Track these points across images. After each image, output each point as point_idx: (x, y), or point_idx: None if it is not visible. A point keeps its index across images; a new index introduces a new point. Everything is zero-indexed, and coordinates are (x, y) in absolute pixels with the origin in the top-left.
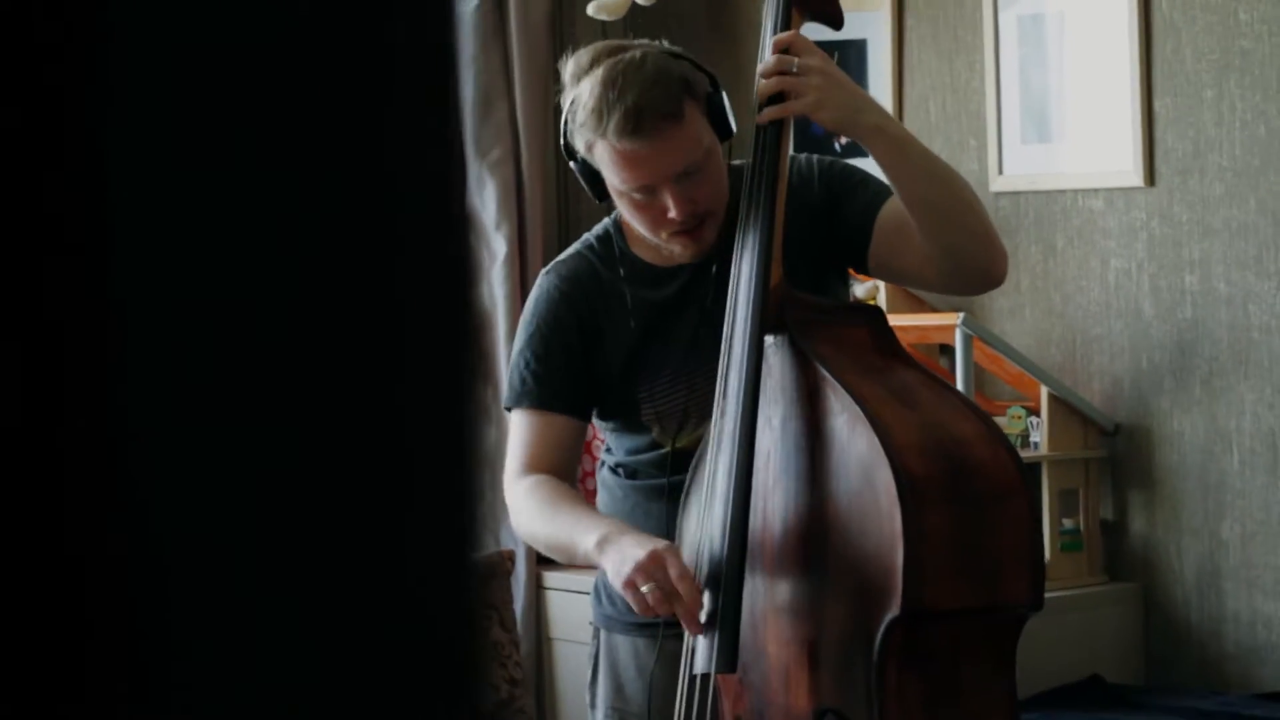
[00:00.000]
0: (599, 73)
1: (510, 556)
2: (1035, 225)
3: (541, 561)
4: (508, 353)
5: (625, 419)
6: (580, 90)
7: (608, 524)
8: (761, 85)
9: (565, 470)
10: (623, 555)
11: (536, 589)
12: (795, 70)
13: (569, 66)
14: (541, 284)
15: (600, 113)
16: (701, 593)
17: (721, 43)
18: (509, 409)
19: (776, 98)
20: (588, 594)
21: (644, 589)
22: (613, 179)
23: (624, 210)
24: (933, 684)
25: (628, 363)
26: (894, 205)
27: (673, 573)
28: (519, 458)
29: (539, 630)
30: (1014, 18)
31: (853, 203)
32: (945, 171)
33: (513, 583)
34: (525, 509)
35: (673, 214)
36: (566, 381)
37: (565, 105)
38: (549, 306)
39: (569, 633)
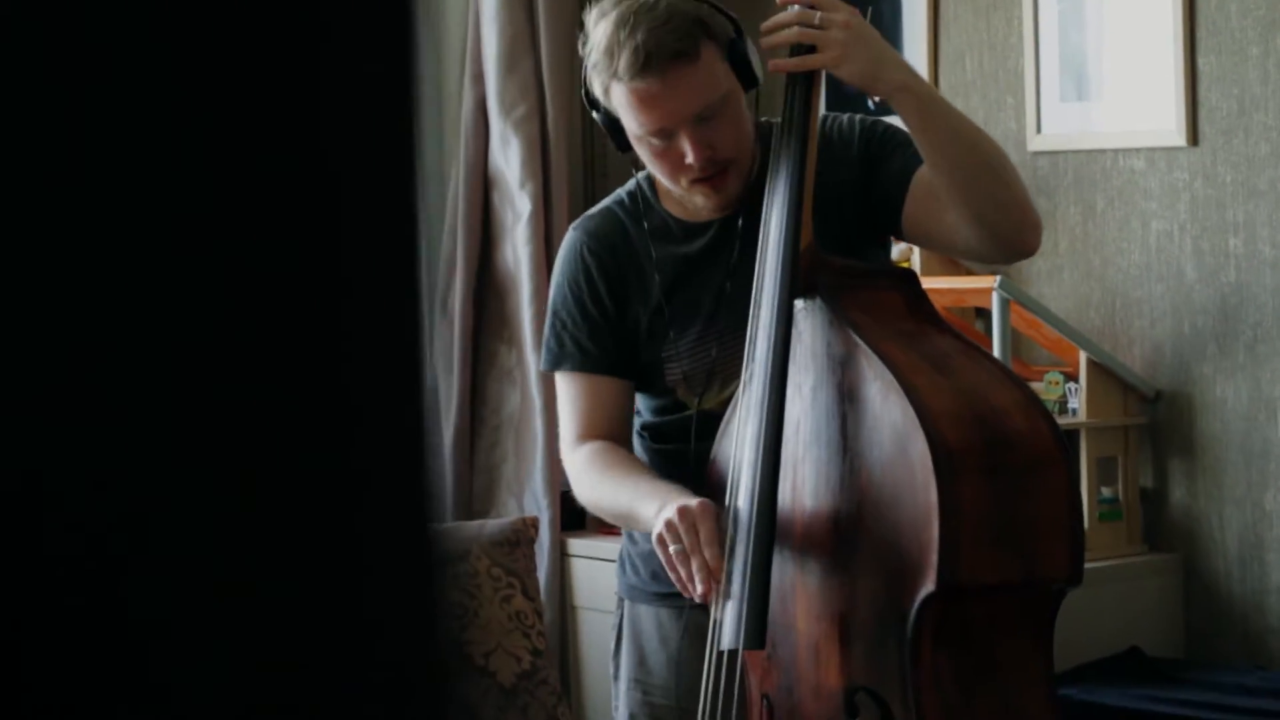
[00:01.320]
0: (612, 15)
1: (534, 524)
2: (1074, 186)
3: (565, 528)
4: (531, 313)
5: (649, 378)
6: (596, 33)
7: (666, 491)
8: (779, 35)
9: (620, 431)
10: (663, 512)
11: (560, 557)
12: (818, 22)
13: (591, 14)
14: (569, 240)
15: (611, 52)
16: (726, 562)
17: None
18: (550, 370)
19: (797, 50)
20: (612, 561)
21: (672, 548)
22: (630, 123)
23: (644, 159)
24: (968, 661)
25: (653, 320)
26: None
27: (702, 534)
28: (572, 424)
29: (563, 599)
30: None
31: (889, 165)
32: (974, 133)
33: (536, 550)
34: (586, 480)
35: (690, 159)
36: (605, 342)
37: (584, 53)
38: (579, 265)
39: (594, 601)
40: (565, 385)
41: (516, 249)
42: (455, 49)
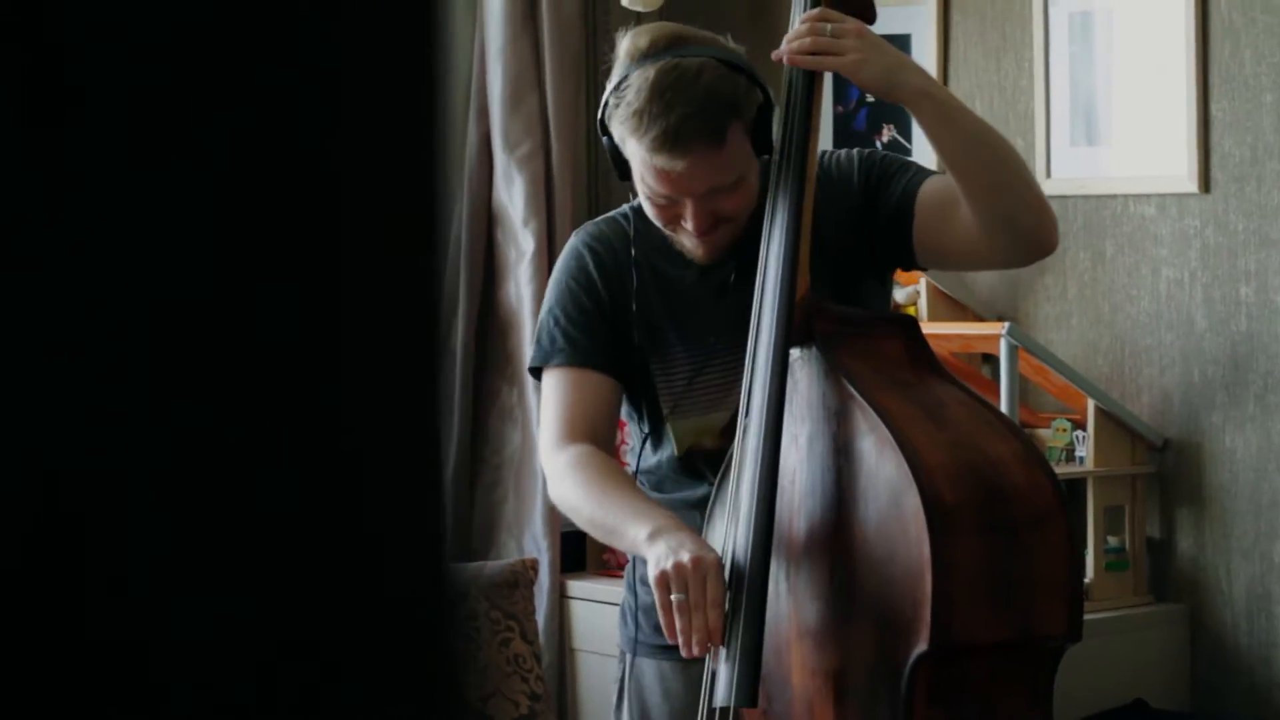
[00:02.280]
0: (651, 73)
1: (533, 565)
2: (1084, 231)
3: (566, 569)
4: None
5: (638, 391)
6: (630, 80)
7: (664, 516)
8: (795, 44)
9: (605, 435)
10: (670, 549)
11: (560, 599)
12: (830, 32)
13: (625, 43)
14: (571, 243)
15: (641, 118)
16: (725, 621)
17: (758, 34)
18: (538, 368)
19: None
20: (613, 604)
21: (674, 596)
22: (638, 178)
23: (642, 200)
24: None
25: (645, 328)
26: (934, 183)
27: (710, 593)
28: (556, 422)
29: (562, 641)
30: (1064, 14)
31: (891, 189)
32: (993, 136)
33: (536, 592)
34: (570, 483)
35: (689, 225)
36: (600, 337)
37: (611, 81)
38: (578, 262)
39: (593, 644)
40: (553, 381)
41: (519, 287)
42: (460, 84)
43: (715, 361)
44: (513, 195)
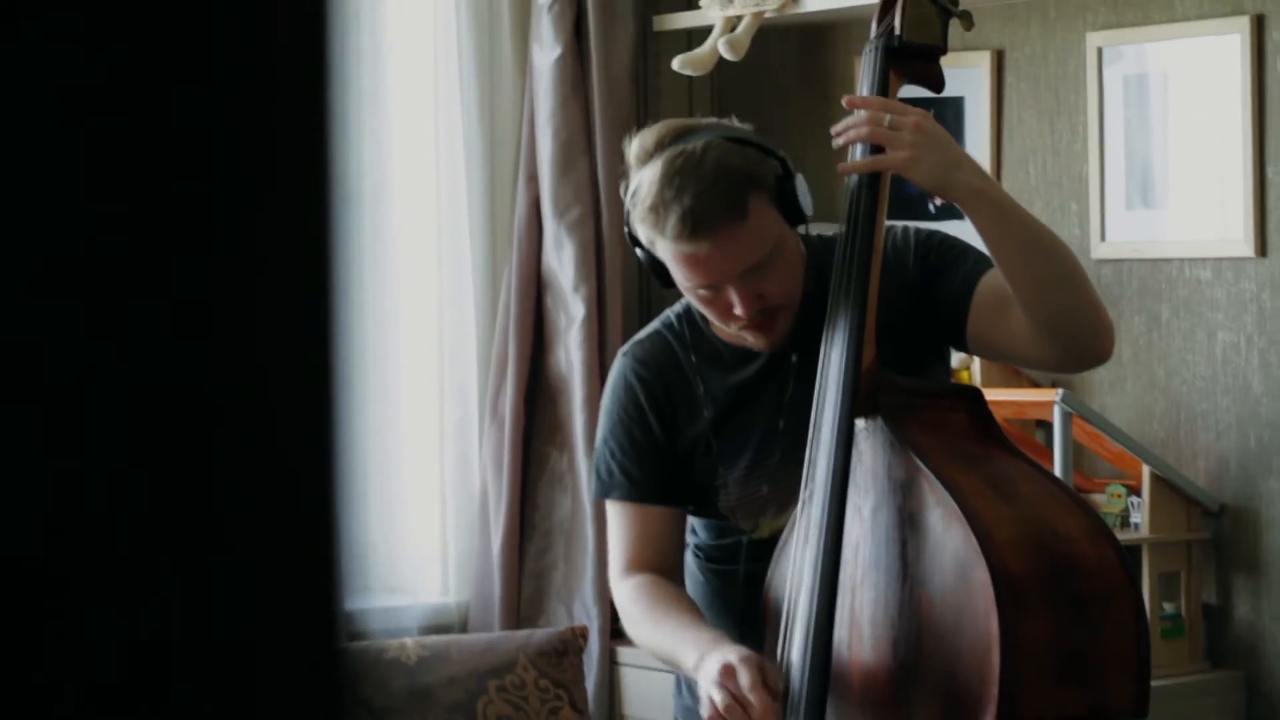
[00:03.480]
0: (658, 166)
1: (583, 633)
2: (1139, 295)
3: (615, 636)
4: (584, 418)
5: (703, 504)
6: (640, 180)
7: (706, 641)
8: (849, 134)
9: (669, 561)
10: (706, 675)
11: (610, 665)
12: (888, 125)
13: (632, 148)
14: (618, 367)
15: (658, 212)
16: (781, 695)
17: (812, 100)
18: (600, 499)
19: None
20: (665, 671)
21: (719, 702)
22: (677, 276)
23: (691, 301)
24: None
25: (704, 449)
26: (994, 277)
27: (743, 682)
28: (621, 554)
29: (612, 710)
30: (1119, 77)
31: (950, 276)
32: (1049, 240)
33: (585, 659)
34: (631, 615)
35: (738, 311)
36: (655, 470)
37: (628, 193)
38: (627, 393)
39: (644, 711)
40: (615, 514)
41: (569, 353)
42: (510, 149)
43: (780, 472)
44: (563, 261)
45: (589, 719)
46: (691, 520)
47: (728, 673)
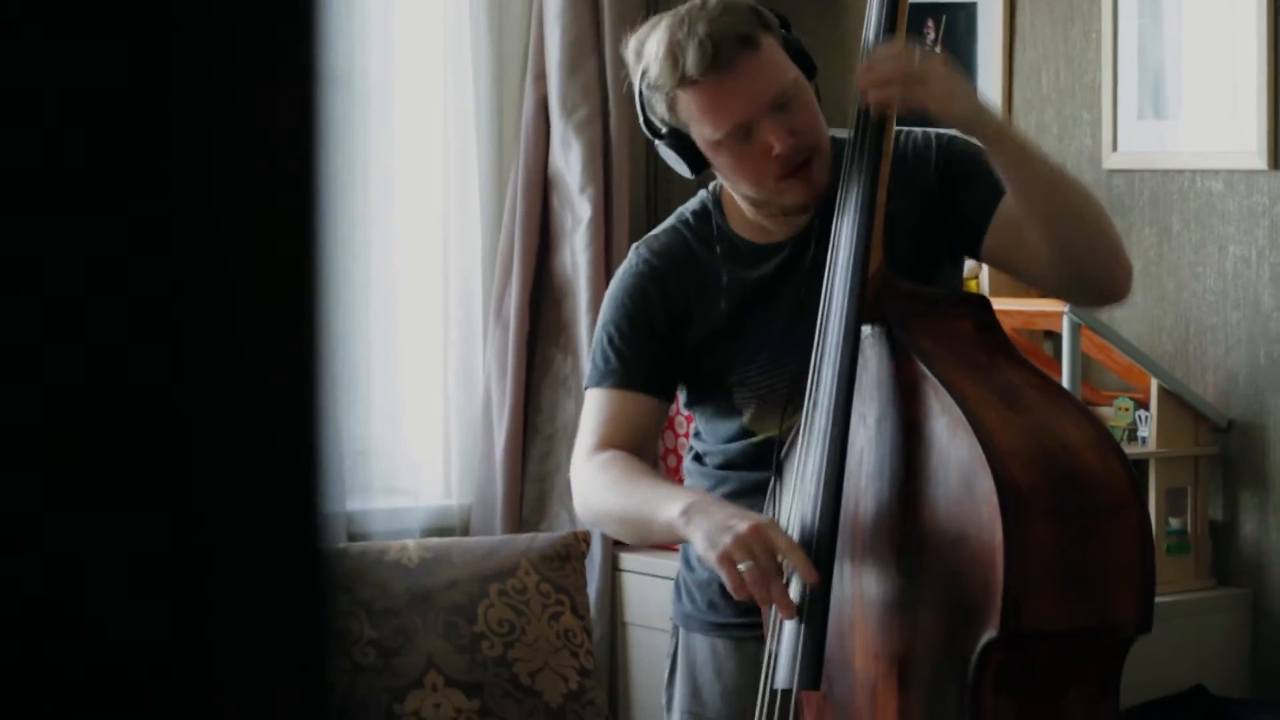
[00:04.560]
0: (662, 25)
1: (585, 538)
2: (1150, 206)
3: (618, 542)
4: (588, 320)
5: (717, 404)
6: (647, 51)
7: (695, 493)
8: (880, 71)
9: (641, 450)
10: (717, 525)
11: (613, 571)
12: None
13: (630, 45)
14: (631, 259)
15: (674, 55)
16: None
17: (824, 5)
18: (594, 387)
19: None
20: (666, 578)
21: (742, 567)
22: (704, 130)
23: (722, 168)
24: (1031, 709)
25: (721, 345)
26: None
27: (780, 544)
28: (592, 435)
29: (614, 616)
30: None
31: (971, 191)
32: (1068, 181)
33: (587, 565)
34: (595, 484)
35: (776, 149)
36: (651, 360)
37: (637, 79)
38: (636, 282)
39: (645, 619)
40: (597, 398)
41: (575, 254)
42: (517, 48)
43: (798, 362)
44: (569, 161)
45: (590, 624)
46: (701, 425)
47: (757, 534)
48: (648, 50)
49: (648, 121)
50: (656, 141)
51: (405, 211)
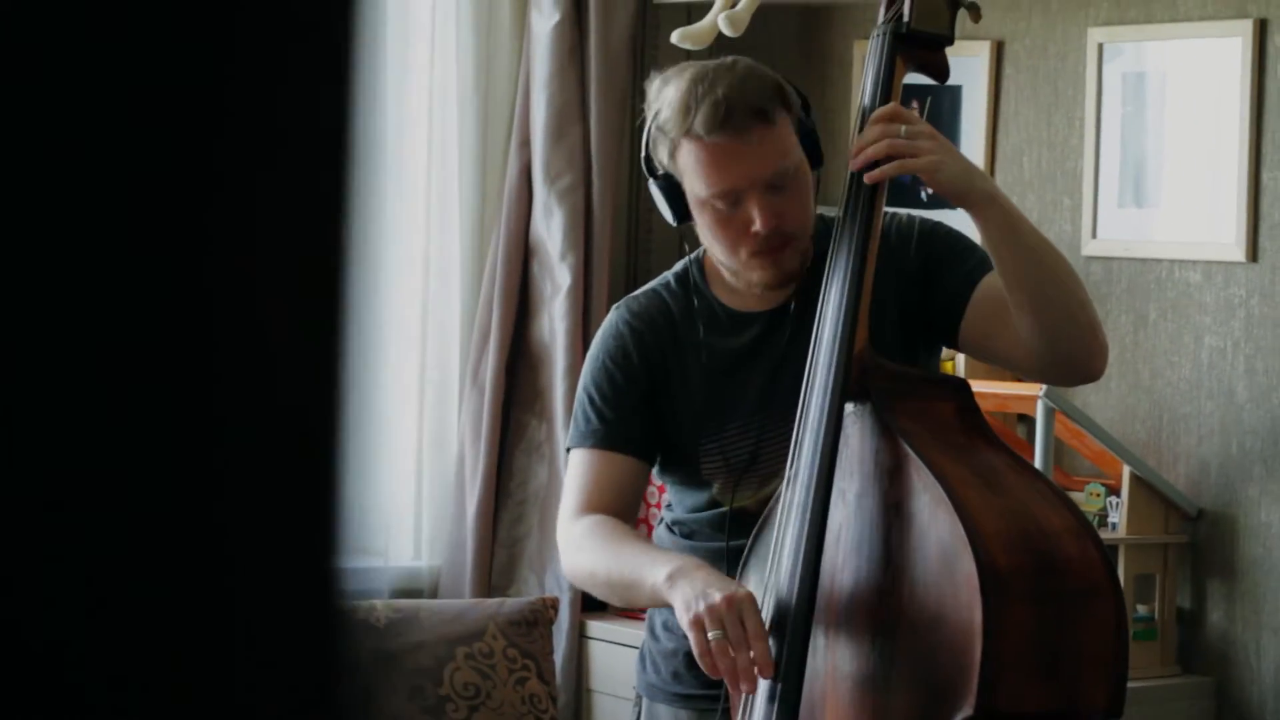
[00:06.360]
0: (686, 74)
1: (554, 604)
2: (1127, 294)
3: (586, 609)
4: (565, 387)
5: (686, 471)
6: (665, 94)
7: (682, 559)
8: (870, 149)
9: (625, 513)
10: (696, 590)
11: (579, 639)
12: (904, 135)
13: (654, 82)
14: (611, 319)
15: (688, 107)
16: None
17: (810, 80)
18: (576, 448)
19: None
20: (632, 647)
21: (711, 635)
22: (697, 185)
23: (702, 226)
24: None
25: (694, 410)
26: (993, 280)
27: (749, 626)
28: (577, 498)
29: (579, 682)
30: (1118, 74)
31: (951, 273)
32: (1052, 253)
33: (555, 631)
34: (583, 546)
35: (757, 226)
36: (632, 421)
37: (649, 117)
38: (617, 342)
39: (610, 686)
40: (580, 460)
41: (553, 321)
42: (503, 113)
43: (769, 436)
44: (551, 228)
45: (555, 690)
46: (671, 494)
47: (732, 607)
48: (666, 93)
49: (648, 158)
50: (650, 180)
51: (385, 272)
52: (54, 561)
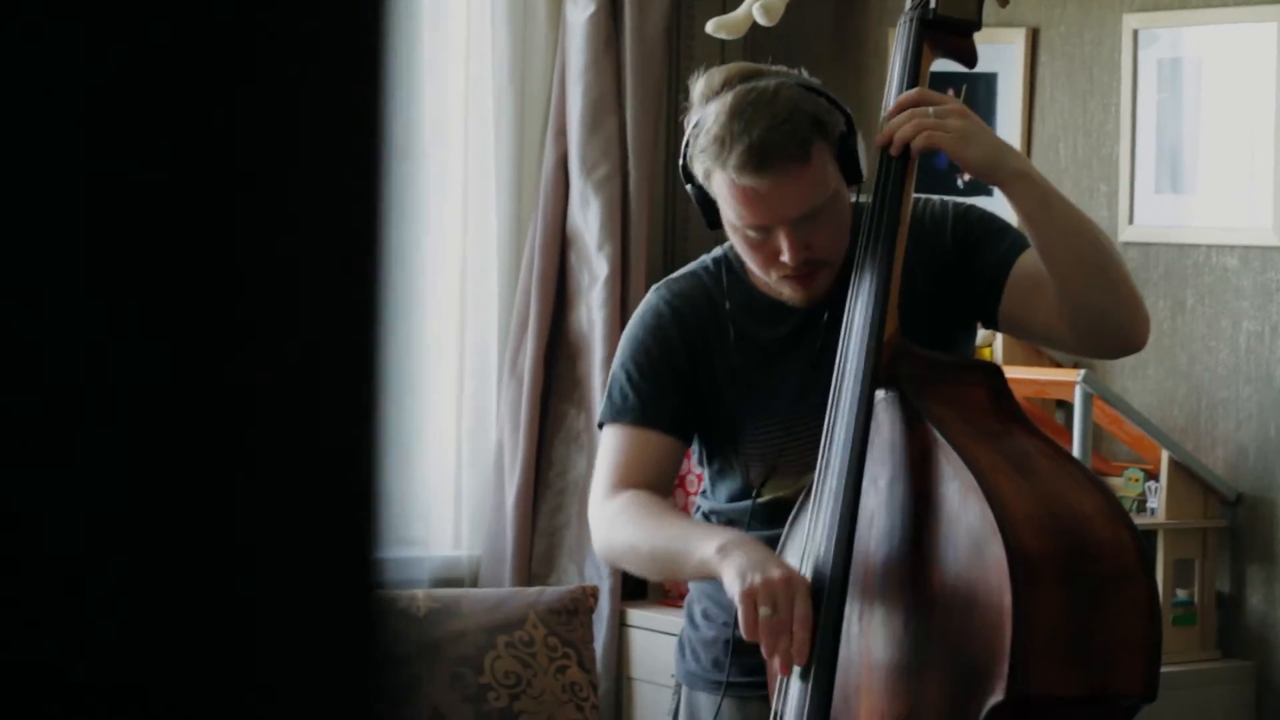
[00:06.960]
0: (728, 99)
1: (593, 593)
2: (1164, 279)
3: (626, 597)
4: (603, 377)
5: (724, 459)
6: (706, 114)
7: (732, 532)
8: (900, 131)
9: (659, 493)
10: (754, 562)
11: (619, 627)
12: (932, 115)
13: (699, 85)
14: (650, 299)
15: (723, 142)
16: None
17: (845, 68)
18: (609, 422)
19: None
20: (672, 634)
21: (762, 611)
22: (728, 213)
23: (735, 243)
24: None
25: (731, 400)
26: (1031, 256)
27: (798, 611)
28: (611, 474)
29: (619, 670)
30: (1153, 60)
31: (987, 253)
32: (1089, 226)
33: (595, 620)
34: (621, 521)
35: (785, 257)
36: (670, 398)
37: (689, 126)
38: (656, 320)
39: (651, 674)
40: (615, 436)
41: (591, 311)
42: (539, 104)
43: (801, 430)
44: (588, 218)
45: (596, 678)
46: (707, 482)
47: (788, 589)
48: (709, 111)
49: (685, 167)
50: (686, 184)
51: (423, 263)
52: (88, 551)
